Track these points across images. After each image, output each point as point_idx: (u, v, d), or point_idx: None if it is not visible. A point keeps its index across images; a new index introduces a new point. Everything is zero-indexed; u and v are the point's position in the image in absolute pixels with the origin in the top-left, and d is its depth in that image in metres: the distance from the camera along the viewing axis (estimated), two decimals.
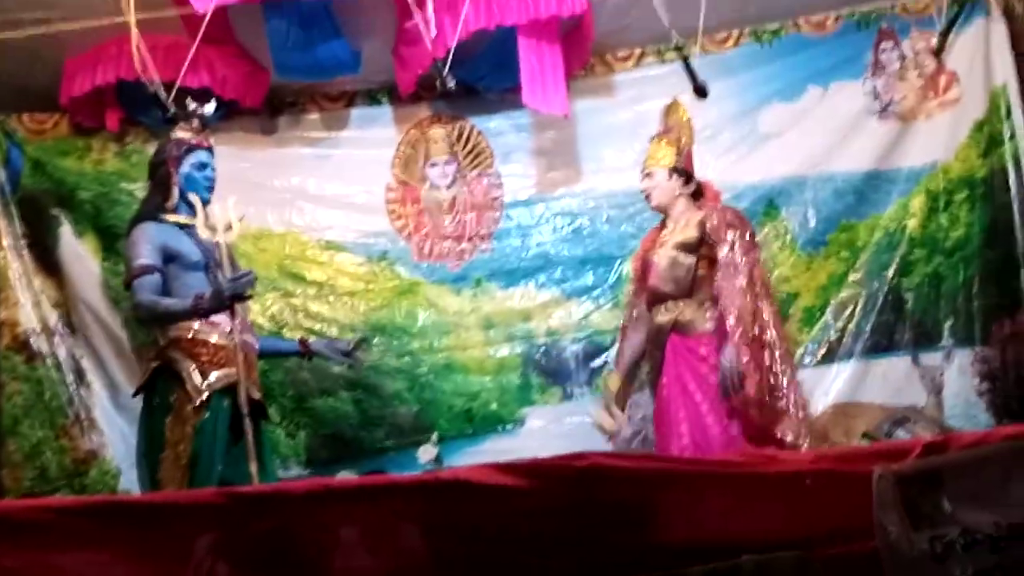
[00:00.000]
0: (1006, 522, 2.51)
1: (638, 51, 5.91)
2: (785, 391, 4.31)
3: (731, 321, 4.33)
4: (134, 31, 4.60)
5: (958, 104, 5.65)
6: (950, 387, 5.48)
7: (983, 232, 5.55)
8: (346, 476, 5.02)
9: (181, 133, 4.54)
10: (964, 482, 2.58)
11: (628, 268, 5.78)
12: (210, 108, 4.62)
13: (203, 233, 4.31)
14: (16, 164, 5.49)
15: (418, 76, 5.50)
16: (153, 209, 4.45)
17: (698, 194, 4.79)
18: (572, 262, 5.88)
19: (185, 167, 4.46)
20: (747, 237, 4.56)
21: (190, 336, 4.28)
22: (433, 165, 5.93)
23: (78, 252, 5.58)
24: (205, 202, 4.44)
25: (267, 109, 5.75)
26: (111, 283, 5.54)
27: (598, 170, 5.94)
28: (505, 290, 5.87)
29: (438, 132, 5.94)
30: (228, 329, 4.28)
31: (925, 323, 5.58)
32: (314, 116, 5.89)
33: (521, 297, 5.87)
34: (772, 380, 4.30)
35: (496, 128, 5.97)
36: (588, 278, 5.87)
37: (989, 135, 5.57)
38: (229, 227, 4.38)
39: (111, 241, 5.59)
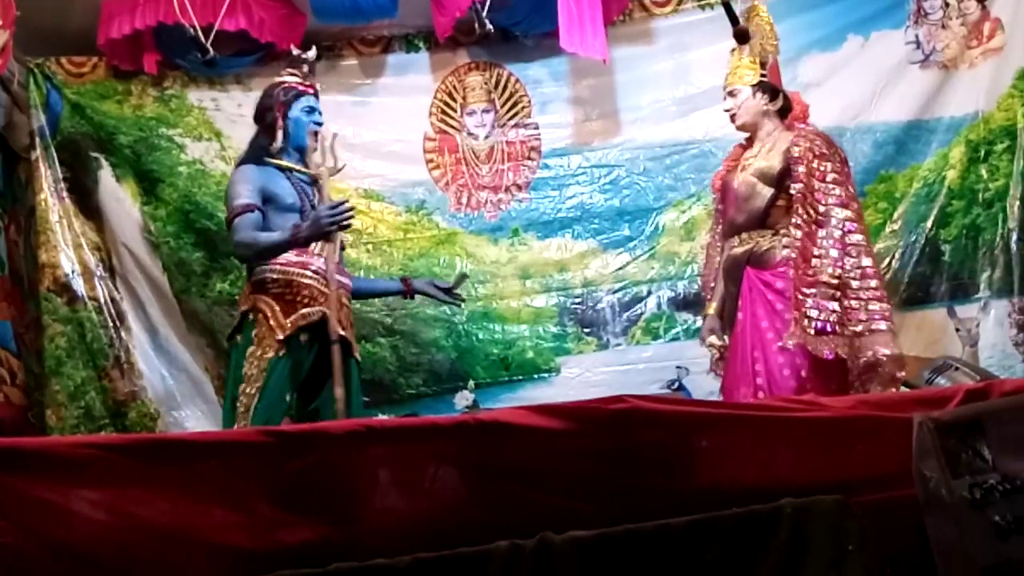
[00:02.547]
0: None
1: None
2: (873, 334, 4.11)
3: (827, 264, 4.15)
4: None
5: (1001, 52, 5.54)
6: (986, 338, 5.44)
7: None
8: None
9: (289, 77, 4.53)
10: (1005, 429, 2.57)
11: (664, 220, 5.79)
12: (312, 54, 4.62)
13: (313, 167, 4.37)
14: (55, 108, 5.52)
15: (455, 20, 5.48)
16: (257, 152, 4.44)
17: (786, 110, 4.59)
18: (609, 213, 5.86)
19: (294, 111, 4.45)
20: (839, 168, 4.33)
21: (275, 276, 4.28)
22: (471, 113, 5.92)
23: (118, 196, 5.63)
24: (312, 148, 4.46)
25: None
26: (151, 227, 5.61)
27: (636, 120, 5.90)
28: (542, 240, 5.88)
29: (475, 79, 5.92)
30: (315, 268, 4.29)
31: (962, 275, 5.53)
32: (351, 62, 5.89)
33: (558, 248, 5.88)
34: (863, 324, 4.10)
35: (534, 76, 5.94)
36: (625, 229, 5.85)
37: None
38: (335, 166, 4.44)
39: (151, 185, 5.65)
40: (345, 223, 4.20)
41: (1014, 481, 2.49)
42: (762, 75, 4.53)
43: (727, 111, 4.60)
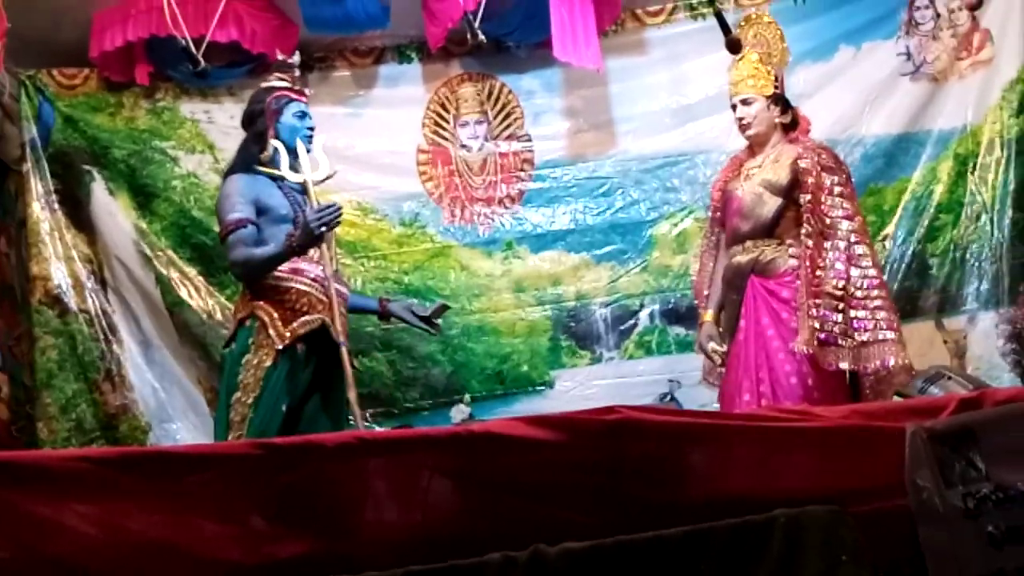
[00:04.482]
0: None
1: (669, 6, 5.86)
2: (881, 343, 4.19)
3: (832, 275, 4.21)
4: None
5: (990, 64, 5.57)
6: (973, 350, 5.50)
7: (1013, 194, 5.49)
8: None
9: (277, 83, 4.50)
10: (998, 438, 2.57)
11: (657, 232, 5.79)
12: (297, 59, 4.61)
13: (289, 176, 4.30)
14: (47, 120, 5.52)
15: (448, 30, 5.48)
16: (248, 160, 4.40)
17: (792, 124, 4.60)
18: (602, 226, 5.87)
19: (286, 117, 4.42)
20: (845, 182, 4.39)
21: (273, 284, 4.24)
22: (463, 125, 5.92)
23: (110, 209, 5.62)
24: (306, 151, 4.42)
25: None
26: (144, 241, 5.60)
27: (629, 131, 5.91)
28: (535, 253, 5.88)
29: (468, 90, 5.92)
30: (314, 275, 4.27)
31: (949, 287, 5.57)
32: (344, 73, 5.88)
33: (551, 261, 5.88)
34: (869, 333, 4.18)
35: (526, 87, 5.94)
36: (618, 242, 5.85)
37: (1023, 93, 5.50)
38: (319, 170, 4.36)
39: (146, 200, 5.66)
40: (333, 223, 4.18)
41: (1007, 490, 2.49)
42: (775, 87, 4.54)
43: (740, 119, 4.57)
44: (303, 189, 4.37)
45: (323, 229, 4.14)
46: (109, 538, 2.64)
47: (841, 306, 4.19)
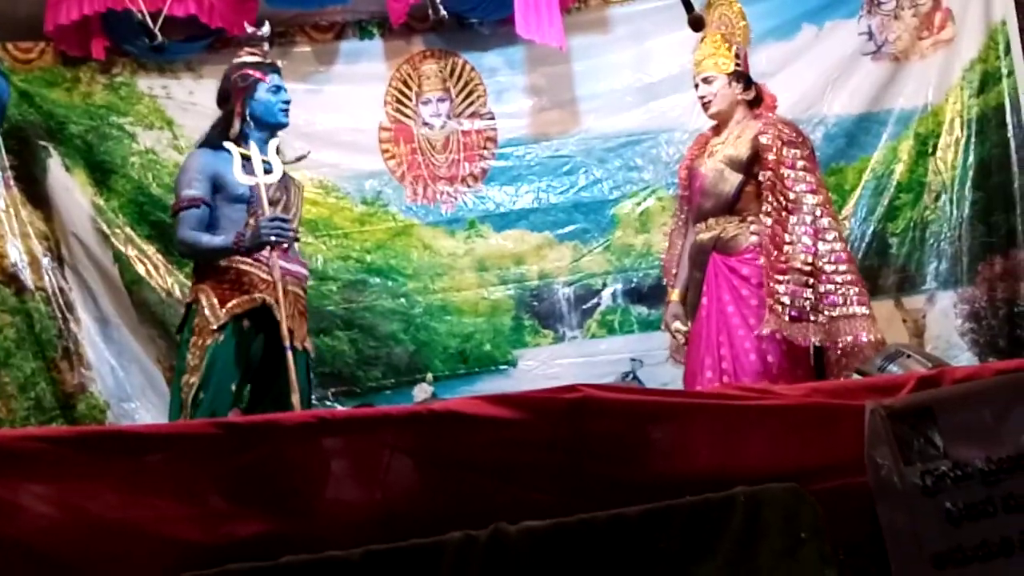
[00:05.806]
0: (997, 456, 2.53)
1: None
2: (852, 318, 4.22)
3: (800, 250, 4.23)
4: None
5: (951, 43, 5.62)
6: (932, 329, 5.56)
7: (972, 173, 5.55)
8: None
9: (248, 58, 4.46)
10: (956, 416, 2.58)
11: (619, 212, 5.80)
12: (266, 30, 4.56)
13: (240, 179, 4.23)
14: (2, 95, 5.42)
15: (409, 6, 5.46)
16: (214, 136, 4.39)
17: (756, 100, 4.63)
18: (564, 204, 5.87)
19: (261, 93, 4.38)
20: (808, 155, 4.42)
21: (214, 264, 4.25)
22: (426, 102, 5.89)
23: (67, 185, 5.55)
24: (283, 125, 4.41)
25: None
26: (102, 218, 5.53)
27: (592, 109, 5.90)
28: (498, 232, 5.87)
29: (430, 67, 5.89)
30: (256, 254, 4.23)
31: (909, 267, 5.64)
32: (304, 49, 5.83)
33: (514, 240, 5.87)
34: (839, 308, 4.21)
35: (489, 64, 5.92)
36: (580, 221, 5.85)
37: (984, 73, 5.56)
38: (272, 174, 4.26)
39: (103, 176, 5.59)
40: (281, 239, 4.17)
41: (965, 468, 2.51)
42: (737, 64, 4.54)
43: (701, 97, 4.59)
44: (254, 193, 4.28)
45: (272, 239, 4.13)
46: (66, 518, 2.61)
47: (811, 281, 4.21)
